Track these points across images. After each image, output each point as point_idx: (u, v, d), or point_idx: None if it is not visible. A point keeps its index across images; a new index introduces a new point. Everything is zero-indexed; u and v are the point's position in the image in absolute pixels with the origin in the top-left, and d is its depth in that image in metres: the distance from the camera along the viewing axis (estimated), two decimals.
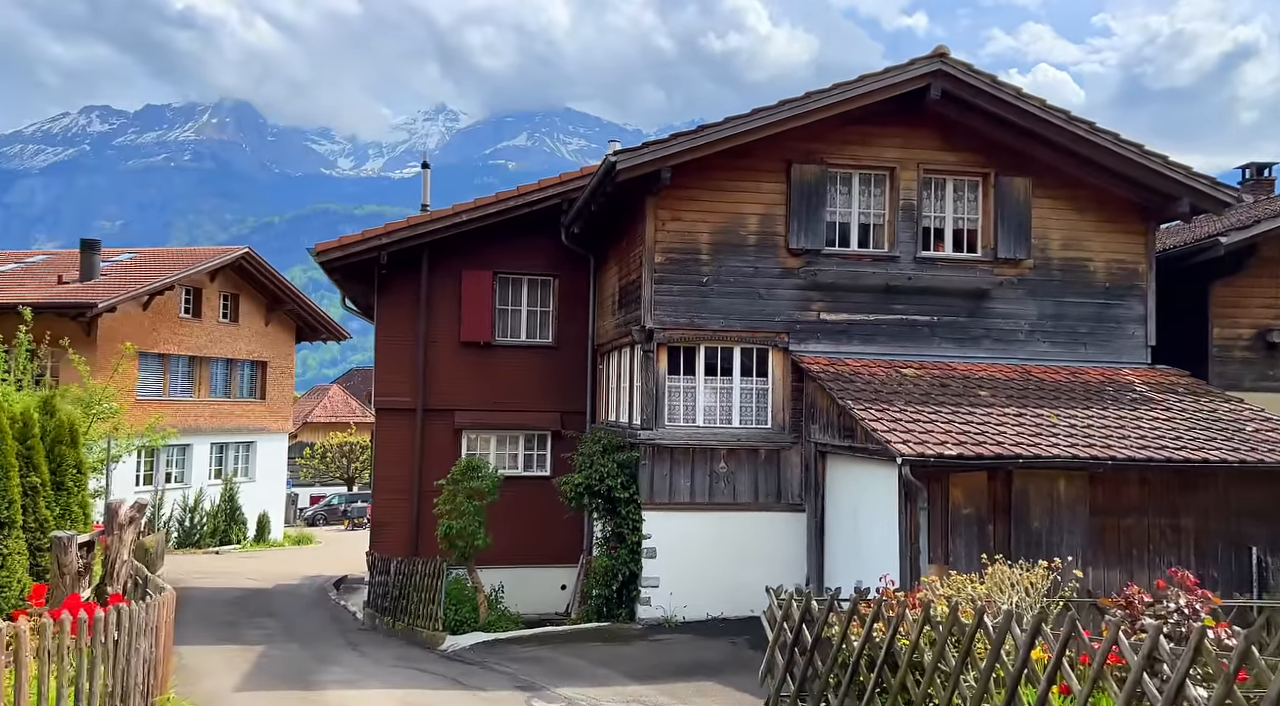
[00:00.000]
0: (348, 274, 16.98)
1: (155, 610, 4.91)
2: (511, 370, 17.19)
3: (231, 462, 36.22)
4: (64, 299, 29.59)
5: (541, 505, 16.08)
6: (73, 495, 10.03)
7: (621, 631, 13.16)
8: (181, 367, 33.91)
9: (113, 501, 8.43)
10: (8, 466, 8.85)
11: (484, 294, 16.95)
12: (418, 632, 13.77)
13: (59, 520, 9.70)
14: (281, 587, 21.81)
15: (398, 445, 16.58)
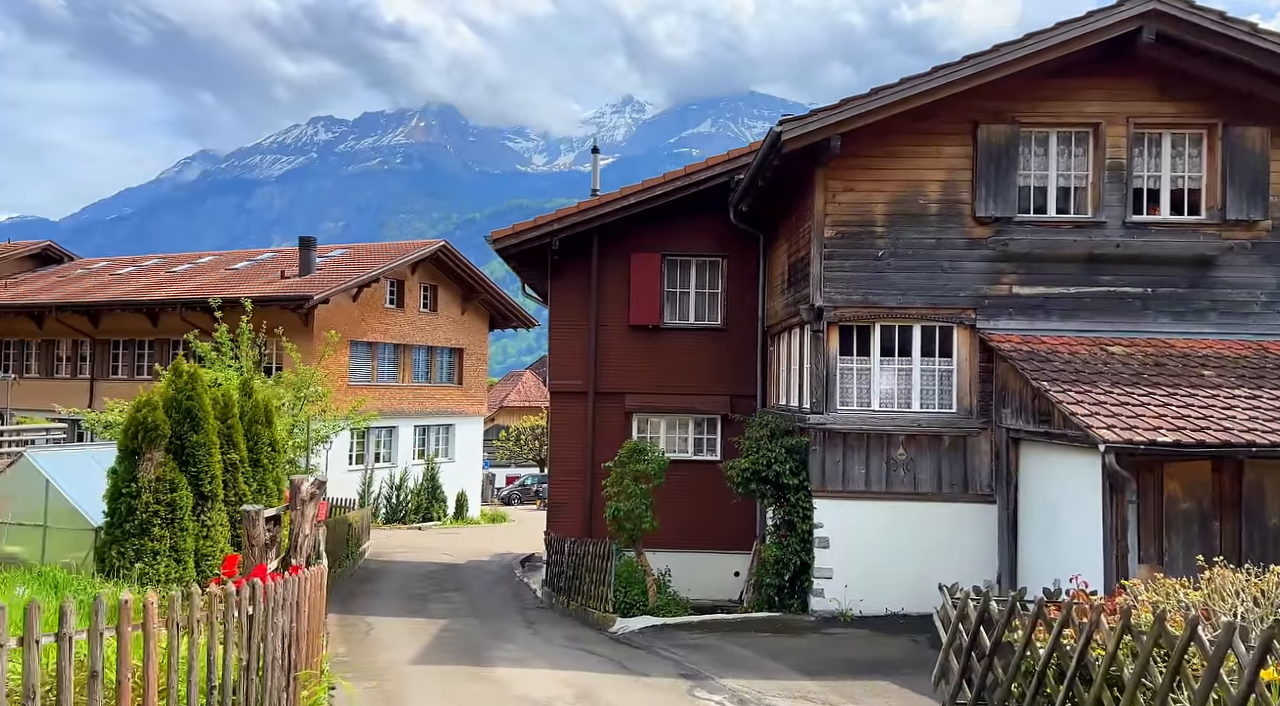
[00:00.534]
0: (523, 261, 17.36)
1: (294, 586, 5.02)
2: (680, 353, 16.98)
3: (432, 444, 38.42)
4: (285, 292, 32.36)
5: (712, 490, 15.76)
6: (268, 471, 10.78)
7: (793, 622, 12.65)
8: (387, 354, 36.28)
9: (296, 479, 8.93)
10: (209, 444, 9.59)
11: (652, 276, 16.81)
12: (589, 613, 13.88)
13: (256, 495, 10.45)
14: (472, 563, 22.79)
15: (571, 427, 16.81)
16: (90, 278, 41.10)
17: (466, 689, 9.32)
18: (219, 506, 9.78)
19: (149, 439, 9.28)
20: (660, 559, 15.40)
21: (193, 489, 9.62)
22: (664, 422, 17.14)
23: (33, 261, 45.55)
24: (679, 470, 16.60)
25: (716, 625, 12.81)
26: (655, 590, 13.46)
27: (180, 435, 9.56)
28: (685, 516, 16.30)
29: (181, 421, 9.57)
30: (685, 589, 15.75)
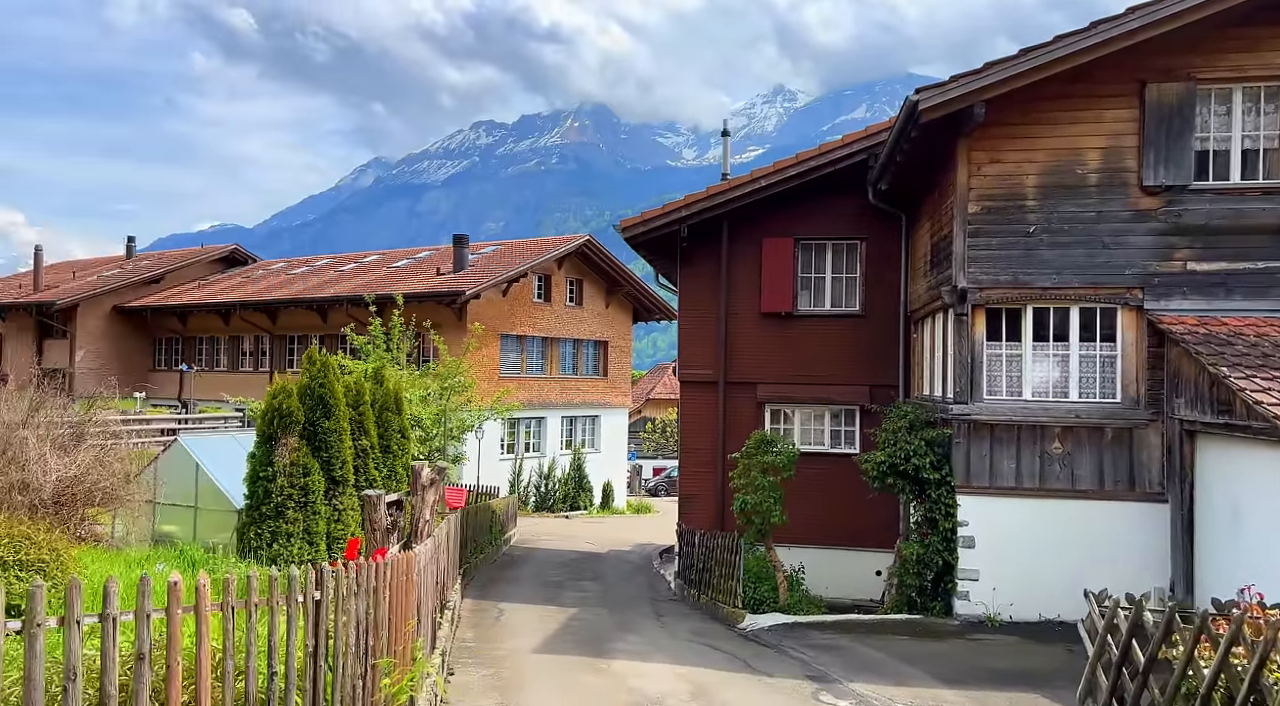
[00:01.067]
0: (654, 249, 17.15)
1: (370, 572, 4.96)
2: (815, 341, 16.30)
3: (579, 434, 39.04)
4: (439, 288, 33.69)
5: (851, 484, 15.03)
6: (398, 458, 11.06)
7: (935, 626, 11.84)
8: (535, 347, 37.13)
9: (416, 465, 9.07)
10: (340, 430, 9.91)
11: (785, 262, 16.21)
12: (719, 608, 13.53)
13: (385, 480, 10.74)
14: (613, 553, 22.89)
15: (701, 418, 16.47)
16: (269, 278, 44.26)
17: (581, 680, 9.19)
18: (350, 491, 10.11)
19: (283, 425, 9.71)
20: (795, 555, 14.85)
21: (324, 474, 10.00)
22: (798, 414, 16.53)
23: (222, 264, 49.48)
24: (815, 463, 15.97)
25: (851, 625, 12.17)
26: (786, 587, 12.95)
27: (313, 421, 9.96)
28: (822, 512, 15.66)
29: (314, 408, 9.96)
30: (823, 587, 15.13)
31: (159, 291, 44.94)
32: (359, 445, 10.28)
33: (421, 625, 7.01)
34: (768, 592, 12.96)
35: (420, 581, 6.58)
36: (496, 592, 15.21)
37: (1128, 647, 6.14)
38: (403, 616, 5.39)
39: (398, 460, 11.15)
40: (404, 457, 11.38)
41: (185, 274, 47.33)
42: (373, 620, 4.98)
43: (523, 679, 9.09)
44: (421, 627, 7.02)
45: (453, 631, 10.60)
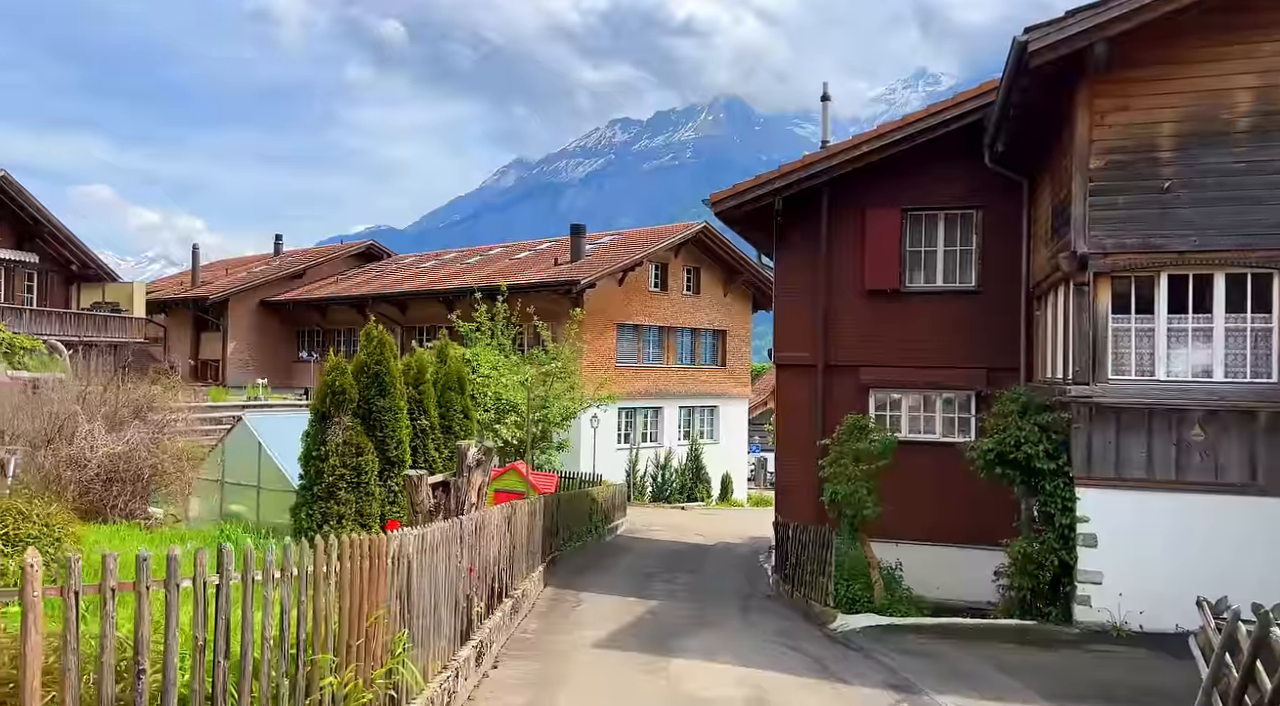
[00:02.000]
0: (748, 224, 16.23)
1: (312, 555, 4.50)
2: (925, 320, 14.97)
3: (697, 425, 38.35)
4: (555, 278, 33.79)
5: (966, 476, 13.65)
6: (459, 438, 10.70)
7: (1049, 634, 10.51)
8: (652, 337, 36.71)
9: (462, 444, 8.67)
10: (396, 409, 9.62)
11: (890, 235, 14.97)
12: (811, 606, 12.58)
13: (446, 462, 10.41)
14: (721, 545, 22.14)
15: (799, 404, 15.44)
16: (400, 271, 45.73)
17: (631, 679, 8.51)
18: (406, 472, 9.83)
19: (336, 403, 9.51)
20: (901, 552, 13.69)
21: (379, 454, 9.75)
22: (906, 400, 15.25)
23: (359, 259, 51.57)
24: (926, 454, 14.71)
25: (952, 630, 10.98)
26: (881, 585, 11.85)
27: (368, 400, 9.73)
28: (934, 506, 14.39)
29: (369, 386, 9.73)
30: (934, 587, 13.89)
31: (300, 286, 47.17)
32: (418, 425, 10.00)
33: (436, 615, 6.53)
34: (861, 591, 11.91)
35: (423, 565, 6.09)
36: (583, 582, 14.75)
37: (1250, 669, 4.94)
38: (361, 607, 4.91)
39: (460, 441, 10.82)
40: (467, 439, 11.05)
41: (325, 269, 49.47)
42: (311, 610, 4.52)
43: (568, 676, 8.51)
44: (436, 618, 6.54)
45: (512, 621, 10.16)
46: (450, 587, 6.94)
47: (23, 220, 29.30)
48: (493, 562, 9.02)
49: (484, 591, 8.64)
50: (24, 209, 28.88)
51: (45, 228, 29.58)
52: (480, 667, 7.88)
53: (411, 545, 5.72)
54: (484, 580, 8.62)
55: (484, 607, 8.49)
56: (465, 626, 7.67)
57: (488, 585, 8.85)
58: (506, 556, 10.02)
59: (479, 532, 8.21)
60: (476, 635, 7.92)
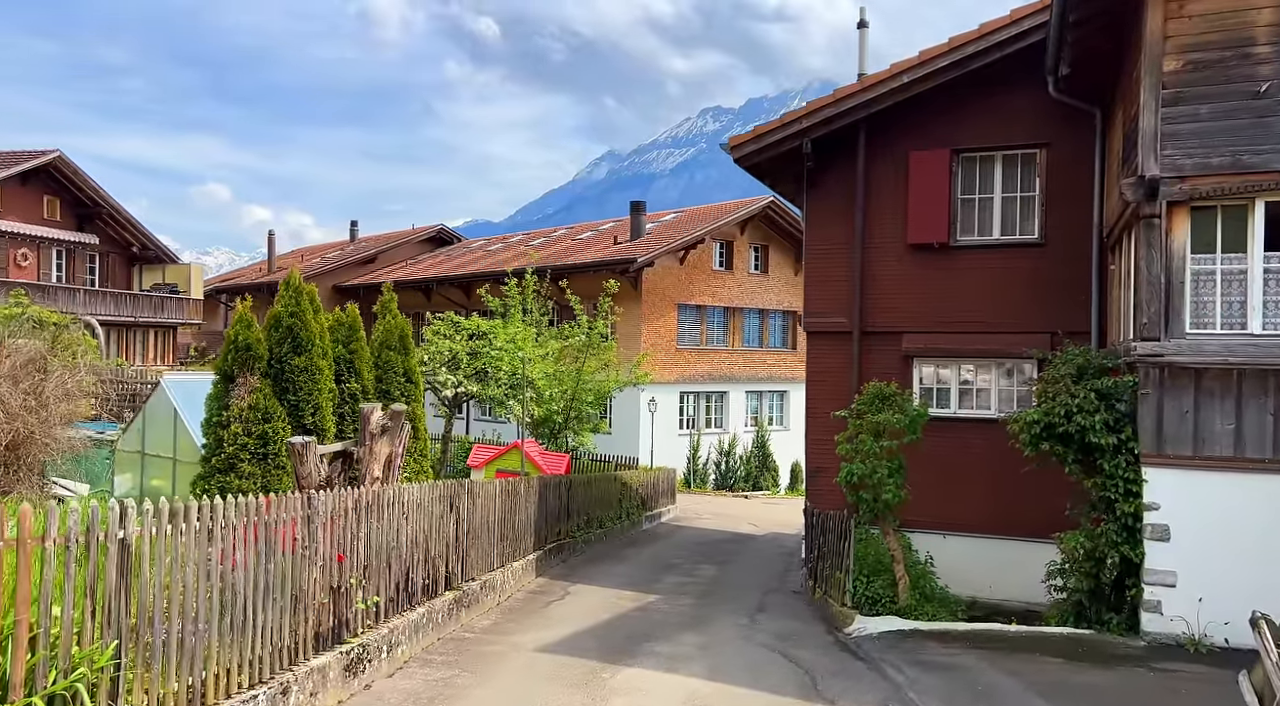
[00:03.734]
0: (775, 173, 14.40)
1: None
2: (978, 279, 12.92)
3: (765, 410, 36.51)
4: (612, 257, 32.49)
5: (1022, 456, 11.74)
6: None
7: (1108, 647, 8.54)
8: (716, 318, 35.05)
9: (366, 407, 7.35)
10: (314, 369, 8.34)
11: (938, 180, 12.95)
12: (830, 605, 10.84)
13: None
14: (770, 536, 20.49)
15: (831, 377, 13.59)
16: (467, 254, 45.26)
17: (548, 696, 6.97)
18: (329, 442, 8.59)
19: (241, 361, 8.28)
20: (944, 544, 11.82)
21: (292, 420, 8.49)
22: (955, 370, 13.23)
23: (430, 244, 51.54)
24: (975, 431, 12.73)
25: (987, 638, 9.11)
26: (906, 583, 9.99)
27: (280, 358, 8.47)
28: (984, 491, 12.41)
29: (282, 342, 8.48)
30: (985, 585, 12.00)
31: (371, 271, 47.25)
32: (346, 389, 8.72)
33: (235, 615, 5.16)
34: (883, 589, 10.10)
35: (182, 553, 4.73)
36: (586, 573, 13.33)
37: None
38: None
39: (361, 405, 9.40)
40: (411, 407, 9.67)
41: (396, 254, 49.56)
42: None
43: (471, 689, 7.02)
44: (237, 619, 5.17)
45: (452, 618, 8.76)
46: (281, 579, 5.59)
47: (83, 202, 29.66)
48: (408, 548, 7.65)
49: (387, 583, 7.27)
50: (83, 190, 29.22)
51: (104, 209, 29.89)
52: (359, 678, 6.51)
53: (132, 525, 4.38)
54: (387, 569, 7.25)
55: (381, 603, 7.12)
56: (333, 627, 6.30)
57: (399, 575, 7.48)
58: (449, 542, 8.66)
59: (367, 510, 6.84)
60: (356, 639, 6.56)
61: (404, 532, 7.48)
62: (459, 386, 16.21)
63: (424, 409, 9.92)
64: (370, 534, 6.88)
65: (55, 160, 27.81)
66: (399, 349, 9.78)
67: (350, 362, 9.05)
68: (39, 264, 28.36)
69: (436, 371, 16.22)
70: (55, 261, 29.46)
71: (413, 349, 10.18)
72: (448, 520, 8.52)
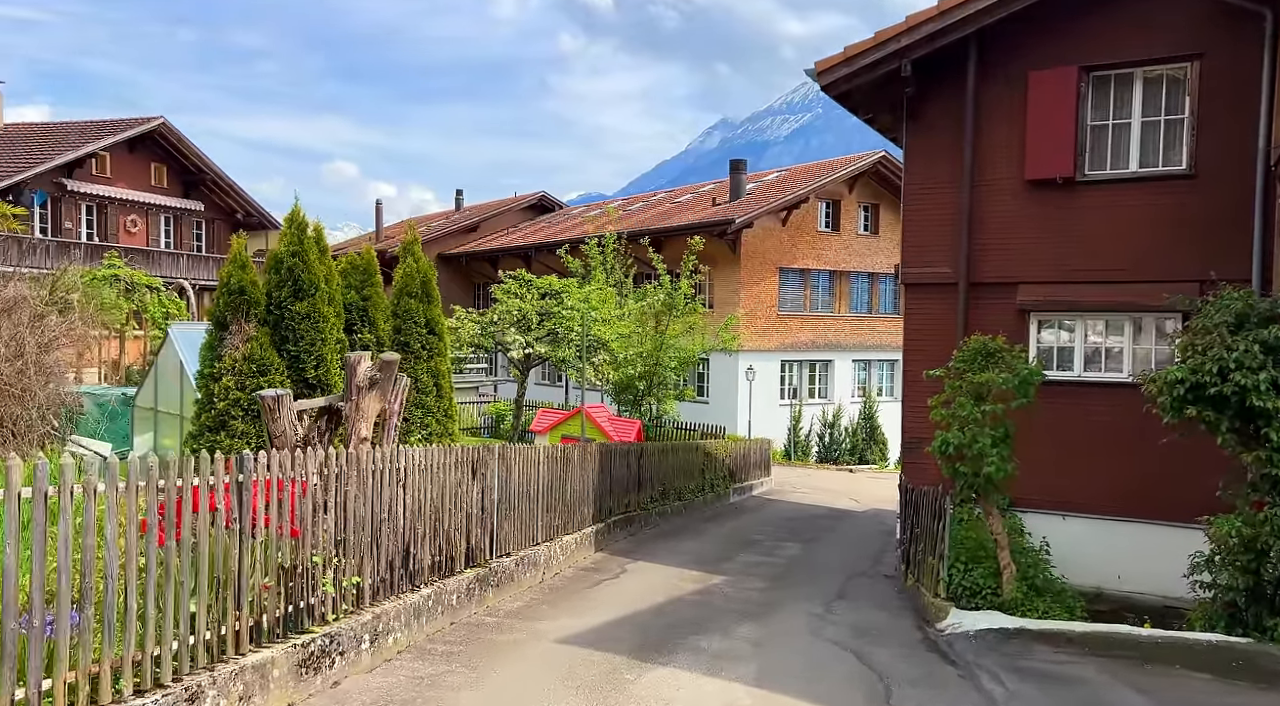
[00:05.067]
0: (870, 103, 12.66)
1: None
2: (1110, 219, 10.96)
3: (874, 380, 34.54)
4: (709, 218, 31.10)
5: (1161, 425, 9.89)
6: (420, 360, 8.29)
7: (1269, 661, 6.82)
8: (821, 282, 33.27)
9: (352, 356, 6.34)
10: (319, 317, 7.39)
11: (1062, 104, 11.01)
12: (921, 595, 9.37)
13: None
14: (871, 513, 18.96)
15: (932, 333, 11.89)
16: (566, 221, 44.67)
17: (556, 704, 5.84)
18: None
19: (235, 307, 7.37)
20: (1062, 526, 10.14)
21: (292, 374, 7.55)
22: (1082, 326, 11.33)
23: (532, 211, 51.33)
24: (1104, 397, 10.92)
25: (1111, 643, 7.48)
26: (1012, 571, 8.39)
27: (280, 304, 7.54)
28: (1113, 465, 10.62)
29: (282, 286, 7.54)
30: (1109, 575, 10.38)
31: (475, 239, 47.30)
32: (358, 340, 7.75)
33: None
34: (984, 579, 8.53)
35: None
36: (652, 549, 12.19)
37: None
38: None
39: (421, 363, 8.35)
40: (432, 361, 8.58)
41: (499, 222, 49.57)
42: None
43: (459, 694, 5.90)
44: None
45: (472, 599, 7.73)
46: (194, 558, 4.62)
47: (188, 169, 30.27)
48: (407, 521, 6.62)
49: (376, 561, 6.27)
50: (187, 157, 29.80)
51: (208, 176, 30.44)
52: (323, 675, 5.52)
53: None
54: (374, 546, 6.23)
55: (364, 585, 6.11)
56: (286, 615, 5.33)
57: (393, 552, 6.47)
58: (471, 513, 7.64)
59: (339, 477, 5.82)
60: (321, 628, 5.57)
61: (401, 502, 6.46)
62: (527, 348, 15.28)
63: (448, 364, 8.84)
64: (348, 503, 5.91)
65: (160, 127, 28.40)
66: (420, 296, 8.71)
67: (364, 311, 8.07)
68: (147, 230, 29.12)
69: (505, 332, 15.34)
70: (164, 228, 30.23)
71: (436, 296, 9.05)
72: (469, 488, 7.51)
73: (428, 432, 8.03)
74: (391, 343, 8.39)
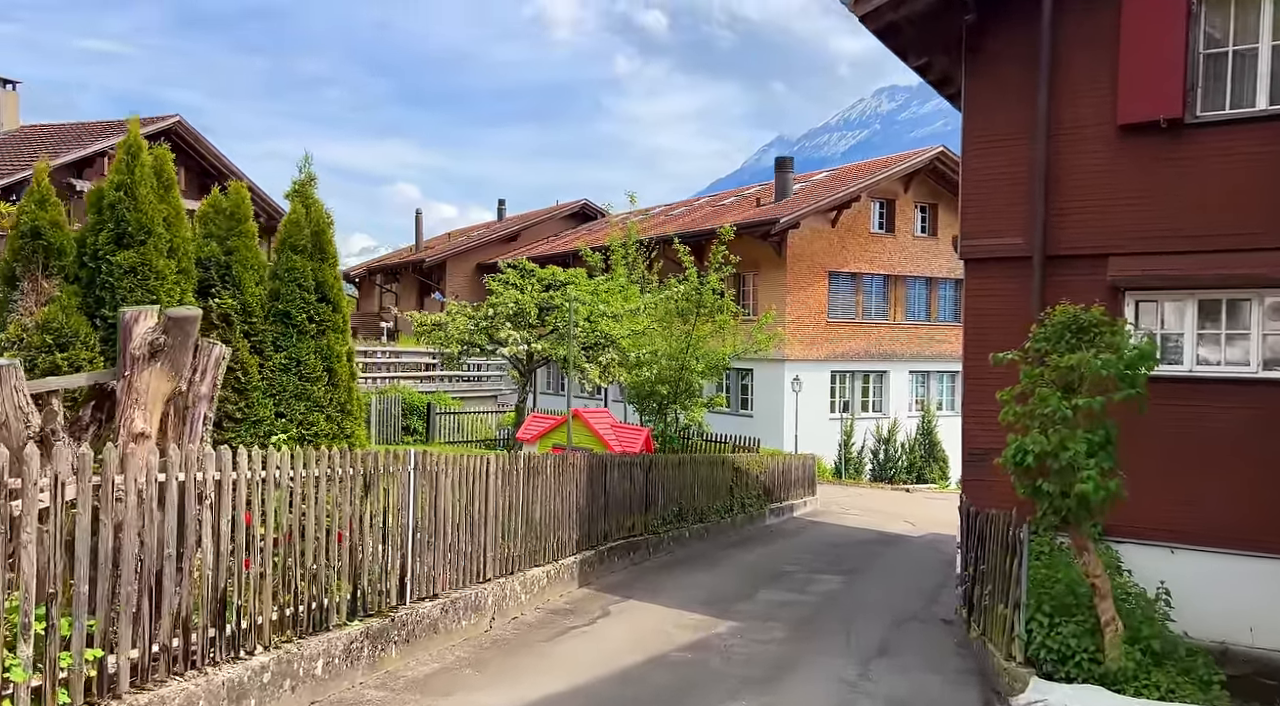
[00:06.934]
0: (918, 41, 10.36)
1: None
2: (1230, 169, 8.55)
3: (933, 393, 31.88)
4: (753, 219, 29.06)
5: None
6: (305, 336, 6.21)
7: None
8: (875, 287, 30.88)
9: (129, 313, 4.40)
10: (147, 273, 5.37)
11: (1167, 25, 8.68)
12: (989, 654, 7.06)
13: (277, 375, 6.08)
14: (927, 539, 16.64)
15: (998, 318, 9.53)
16: (607, 229, 43.04)
17: None
18: None
19: (25, 255, 5.43)
20: (1173, 565, 7.76)
21: (107, 349, 5.51)
22: (1193, 307, 8.90)
23: (574, 220, 49.99)
24: (1222, 395, 8.53)
25: None
26: (1118, 629, 6.04)
27: (96, 254, 5.56)
28: (1236, 484, 8.22)
29: (99, 229, 5.57)
30: (1238, 627, 8.00)
31: (515, 248, 46.03)
32: (216, 307, 5.76)
33: None
34: (1077, 638, 6.18)
35: None
36: (654, 582, 10.05)
37: None
38: None
39: (307, 341, 6.22)
40: (326, 339, 6.44)
41: (539, 231, 48.41)
42: None
43: None
44: None
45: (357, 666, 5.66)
46: None
47: (207, 171, 29.18)
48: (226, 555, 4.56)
49: (144, 623, 4.17)
50: (205, 157, 28.72)
51: (227, 177, 29.36)
52: None
53: None
54: (144, 594, 4.15)
55: (123, 661, 4.03)
56: None
57: (190, 606, 4.37)
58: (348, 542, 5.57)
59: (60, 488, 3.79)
60: None
61: (211, 530, 4.39)
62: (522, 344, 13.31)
63: (349, 343, 6.68)
64: (99, 533, 3.88)
65: (175, 125, 27.31)
66: (311, 253, 6.54)
67: (226, 268, 6.01)
68: None
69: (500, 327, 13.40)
70: None
71: (333, 254, 6.88)
72: (354, 508, 5.48)
73: (313, 433, 6.06)
74: (267, 311, 6.29)
